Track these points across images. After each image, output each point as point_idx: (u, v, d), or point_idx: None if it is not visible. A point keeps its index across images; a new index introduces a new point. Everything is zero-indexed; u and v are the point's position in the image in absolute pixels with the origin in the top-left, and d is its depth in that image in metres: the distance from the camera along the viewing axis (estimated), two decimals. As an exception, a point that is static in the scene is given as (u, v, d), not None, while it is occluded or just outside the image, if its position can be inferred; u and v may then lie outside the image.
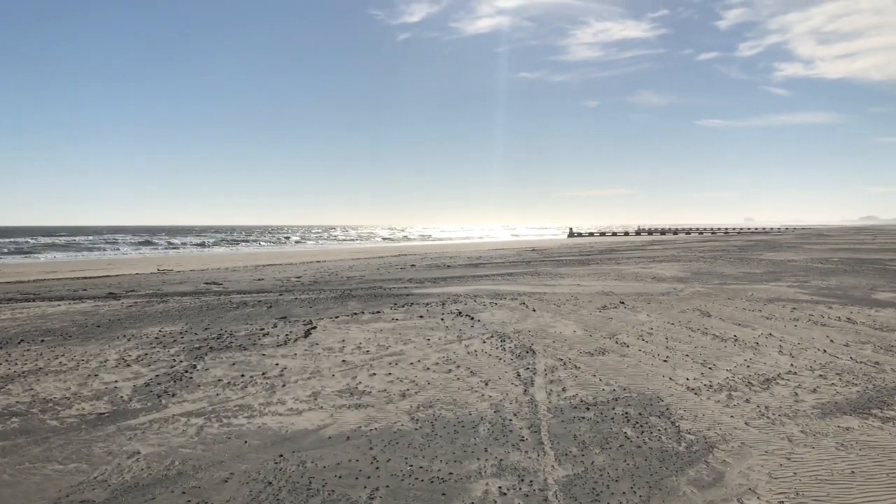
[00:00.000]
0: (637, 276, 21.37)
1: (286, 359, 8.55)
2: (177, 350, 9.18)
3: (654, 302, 14.10)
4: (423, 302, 14.22)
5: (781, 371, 7.73)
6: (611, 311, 12.67)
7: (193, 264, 35.17)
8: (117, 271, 29.49)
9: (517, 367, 7.93)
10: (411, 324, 11.25)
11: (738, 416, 5.99)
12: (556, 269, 25.03)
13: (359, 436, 5.53)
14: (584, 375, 7.53)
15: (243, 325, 11.40)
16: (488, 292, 16.22)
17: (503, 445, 5.26)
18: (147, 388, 7.09)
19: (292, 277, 23.45)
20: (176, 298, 16.18)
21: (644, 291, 16.23)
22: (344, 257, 40.72)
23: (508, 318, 11.78)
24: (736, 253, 36.80)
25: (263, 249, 63.34)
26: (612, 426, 5.73)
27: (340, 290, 17.40)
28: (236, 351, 9.08)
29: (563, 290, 16.53)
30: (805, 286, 17.35)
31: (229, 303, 14.77)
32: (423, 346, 9.34)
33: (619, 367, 7.93)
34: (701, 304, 13.62)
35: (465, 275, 22.93)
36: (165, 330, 10.95)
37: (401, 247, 62.95)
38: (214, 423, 5.91)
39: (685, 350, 8.93)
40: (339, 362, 8.29)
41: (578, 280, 19.77)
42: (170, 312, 13.23)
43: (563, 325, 11.03)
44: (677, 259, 31.15)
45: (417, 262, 32.41)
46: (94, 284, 21.69)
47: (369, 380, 7.39)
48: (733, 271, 22.98)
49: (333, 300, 14.96)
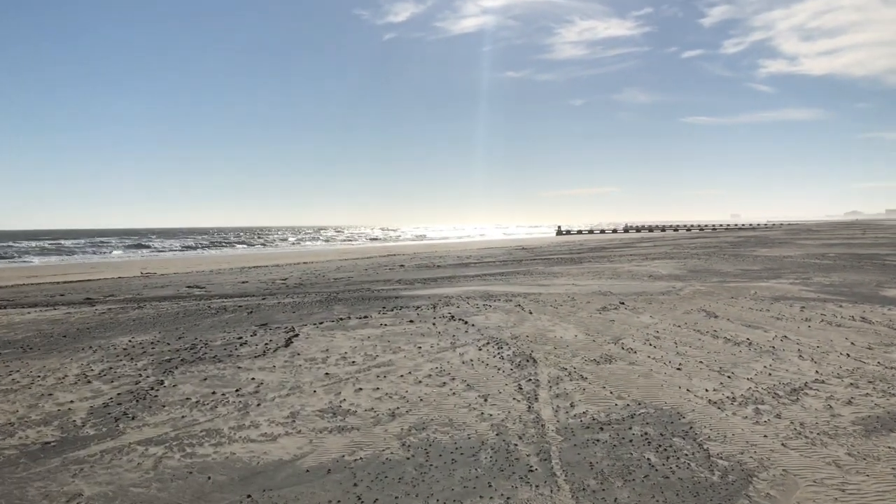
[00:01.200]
0: (633, 274, 20.70)
1: (264, 372, 7.79)
2: (145, 363, 8.40)
3: (654, 302, 13.42)
4: (412, 305, 13.48)
5: (807, 379, 7.04)
6: (611, 313, 11.97)
7: (178, 267, 34.28)
8: (100, 275, 28.57)
9: (518, 379, 7.21)
10: (401, 329, 10.50)
11: (773, 436, 5.29)
12: (548, 268, 24.33)
13: (341, 467, 4.78)
14: (592, 388, 6.82)
15: (220, 333, 10.62)
16: (481, 293, 15.50)
17: (509, 478, 4.53)
18: (105, 410, 6.31)
19: (277, 280, 22.67)
20: (153, 304, 15.37)
21: (643, 291, 15.56)
22: (332, 258, 39.91)
23: (504, 322, 11.06)
24: (729, 249, 36.25)
25: (251, 251, 62.36)
26: (632, 451, 5.01)
27: (326, 293, 16.63)
28: (210, 363, 8.31)
29: (558, 291, 15.83)
30: (808, 283, 16.72)
31: (208, 308, 13.97)
32: (414, 354, 8.60)
33: (629, 378, 7.22)
34: (705, 304, 12.95)
35: (455, 275, 22.20)
36: (136, 340, 10.16)
37: (390, 247, 62.15)
38: (176, 452, 5.14)
39: (698, 356, 8.24)
40: (321, 375, 7.54)
41: (573, 279, 19.08)
42: (144, 320, 12.43)
43: (562, 329, 10.32)
44: (671, 256, 30.53)
45: (406, 262, 31.64)
46: (72, 289, 20.82)
47: (355, 396, 6.65)
48: (730, 268, 22.36)
49: (318, 304, 14.19)
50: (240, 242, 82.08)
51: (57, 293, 19.39)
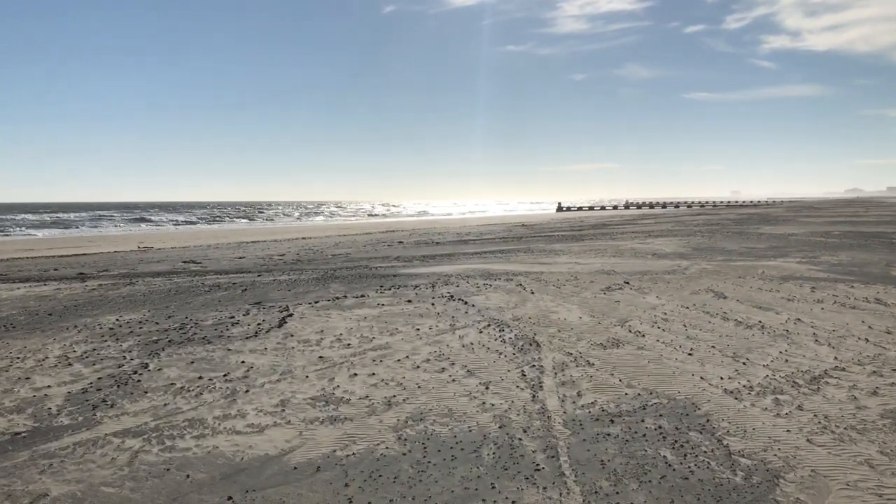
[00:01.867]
0: (636, 252, 20.31)
1: (254, 355, 7.41)
2: (130, 344, 8.03)
3: (660, 282, 13.04)
4: (411, 284, 13.10)
5: (826, 366, 6.67)
6: (616, 293, 11.59)
7: (176, 241, 33.86)
8: (97, 249, 28.17)
9: (521, 365, 6.84)
10: (398, 310, 10.13)
11: (796, 431, 4.92)
12: (549, 246, 23.94)
13: (332, 464, 4.41)
14: (600, 375, 6.45)
15: (212, 311, 10.24)
16: (480, 272, 15.11)
17: (514, 478, 4.16)
18: (83, 397, 5.94)
19: (275, 255, 22.29)
20: (146, 280, 14.99)
21: (647, 270, 15.17)
22: (331, 234, 39.50)
23: (505, 303, 10.68)
24: (732, 227, 35.83)
25: (250, 226, 61.93)
26: (646, 447, 4.65)
27: (323, 271, 16.24)
28: (198, 345, 7.94)
29: (560, 269, 15.44)
30: (816, 262, 16.33)
31: (202, 285, 13.59)
32: (412, 337, 8.23)
33: (638, 364, 6.85)
34: (712, 284, 12.57)
35: (454, 252, 21.80)
36: (124, 318, 9.78)
37: (389, 223, 61.70)
38: (154, 445, 4.78)
39: (709, 340, 7.86)
40: (315, 359, 7.17)
41: (575, 257, 18.69)
42: (134, 297, 12.05)
43: (566, 311, 9.94)
44: (673, 234, 30.12)
45: (405, 238, 31.23)
46: (67, 264, 20.43)
47: (349, 383, 6.28)
48: (735, 246, 21.97)
49: (315, 282, 13.81)
50: (239, 217, 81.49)
51: (51, 267, 19.01)
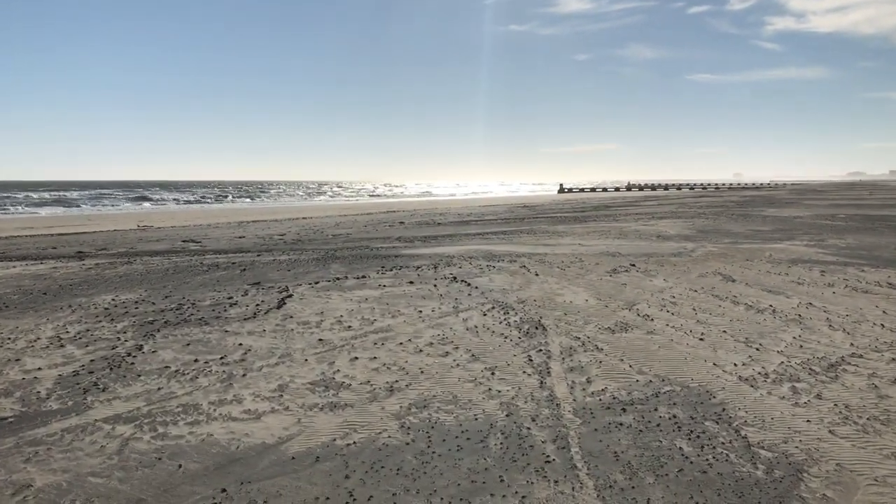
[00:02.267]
0: (640, 234, 20.07)
1: (252, 337, 7.20)
2: (125, 325, 7.82)
3: (666, 264, 12.81)
4: (413, 265, 12.87)
5: (843, 353, 6.46)
6: (622, 276, 11.36)
7: (177, 220, 33.63)
8: (96, 227, 27.94)
9: (527, 349, 6.62)
10: (400, 291, 9.91)
11: (817, 421, 4.71)
12: (552, 227, 23.70)
13: (332, 454, 4.20)
14: (609, 360, 6.23)
15: (210, 292, 10.03)
16: (483, 253, 14.88)
17: (524, 471, 3.95)
18: (74, 380, 5.73)
19: (275, 235, 22.07)
20: (144, 259, 14.77)
21: (652, 252, 14.94)
22: (332, 214, 39.24)
23: (509, 285, 10.46)
24: (736, 209, 35.55)
25: (251, 205, 61.66)
26: (661, 437, 4.43)
27: (324, 251, 16.02)
28: (195, 326, 7.72)
29: (564, 251, 15.21)
30: (824, 246, 16.10)
31: (200, 265, 13.37)
32: (415, 319, 8.01)
33: (648, 349, 6.63)
34: (719, 267, 12.34)
35: (456, 233, 21.57)
36: (120, 298, 9.57)
37: (390, 203, 61.39)
38: (146, 433, 4.57)
39: (720, 325, 7.64)
40: (314, 342, 6.96)
41: (579, 239, 18.45)
42: (131, 276, 11.83)
43: (571, 293, 9.72)
44: (677, 215, 29.85)
45: (407, 219, 30.98)
46: (66, 242, 20.23)
47: (350, 367, 6.06)
48: (741, 229, 21.72)
49: (315, 262, 13.58)
50: (241, 196, 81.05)
51: (49, 246, 18.81)
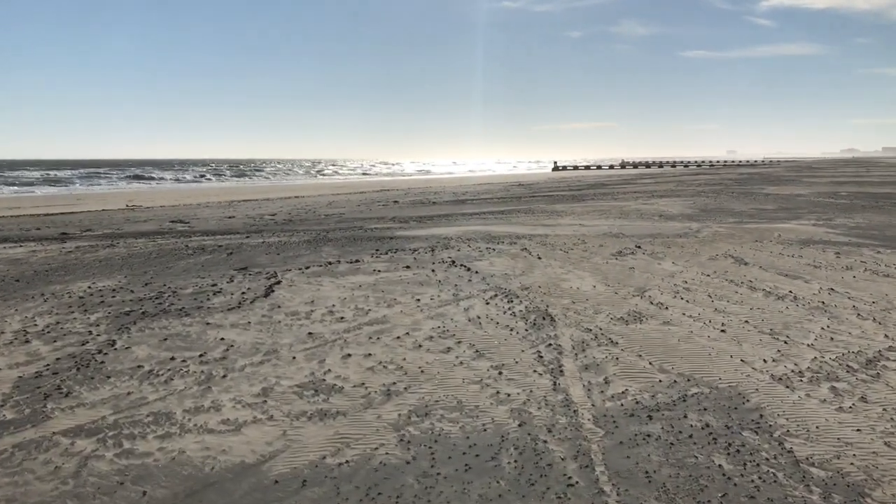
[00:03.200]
0: (641, 213, 19.51)
1: (236, 330, 6.64)
2: (99, 316, 7.24)
3: (673, 246, 12.27)
4: (409, 247, 12.30)
5: (879, 346, 5.93)
6: (629, 259, 10.82)
7: (167, 199, 32.93)
8: (85, 207, 27.23)
9: (535, 343, 6.08)
10: (396, 277, 9.34)
11: (868, 430, 4.18)
12: (550, 206, 23.12)
13: (321, 477, 3.65)
14: (626, 356, 5.70)
15: (194, 278, 9.45)
16: (482, 234, 14.32)
17: (544, 497, 3.41)
18: (35, 383, 5.17)
19: (266, 215, 21.46)
20: (128, 241, 14.16)
21: (657, 232, 14.40)
22: (325, 192, 38.56)
23: (511, 269, 9.91)
24: (735, 187, 35.01)
25: (244, 184, 60.86)
26: (696, 452, 3.90)
27: (316, 232, 15.43)
28: (174, 317, 7.15)
29: (565, 232, 14.65)
30: (832, 225, 15.58)
31: (185, 248, 12.77)
32: (412, 309, 7.45)
33: (667, 342, 6.10)
34: (729, 248, 11.80)
35: (452, 213, 20.99)
36: (97, 286, 8.98)
37: (384, 181, 60.62)
38: (110, 448, 4.01)
39: (740, 314, 7.11)
40: (303, 336, 6.40)
41: (579, 219, 17.89)
42: (112, 261, 11.23)
43: (577, 279, 9.17)
44: (676, 194, 29.30)
45: (401, 198, 30.35)
46: (51, 223, 19.59)
47: (342, 366, 5.51)
48: (743, 207, 21.19)
49: (306, 245, 13.00)
50: (234, 175, 79.94)
51: (33, 227, 18.17)
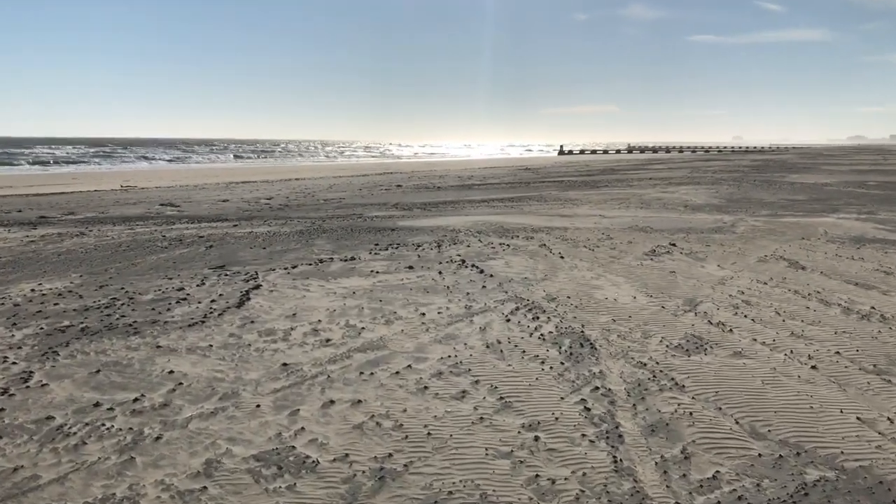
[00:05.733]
0: (664, 203, 18.04)
1: (192, 357, 5.22)
2: (28, 334, 5.82)
3: (712, 243, 10.82)
4: (412, 241, 10.86)
5: None
6: (665, 260, 9.38)
7: (164, 180, 31.54)
8: (78, 187, 25.91)
9: (577, 385, 4.66)
10: (397, 280, 7.92)
11: None
12: (563, 193, 21.66)
13: None
14: (702, 409, 4.27)
15: (159, 279, 8.03)
16: (493, 226, 12.88)
17: None
18: None
19: (262, 199, 20.07)
20: (103, 228, 12.77)
21: (688, 226, 12.94)
22: (325, 174, 37.11)
23: (531, 272, 8.48)
24: (754, 174, 33.44)
25: (245, 164, 59.49)
26: None
27: (311, 220, 14.00)
28: (120, 336, 5.73)
29: (586, 224, 13.20)
30: (879, 220, 14.11)
31: (162, 238, 11.36)
32: (416, 326, 6.03)
33: (749, 386, 4.67)
34: (776, 248, 10.36)
35: (459, 199, 19.53)
36: (42, 288, 7.57)
37: (387, 164, 59.07)
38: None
39: (826, 340, 5.68)
40: (276, 368, 4.98)
41: (598, 209, 16.42)
42: (73, 254, 9.83)
43: (611, 285, 7.74)
44: (695, 181, 27.78)
45: (404, 181, 28.87)
46: (36, 204, 18.24)
47: (320, 420, 4.08)
48: (772, 198, 19.69)
49: (297, 236, 11.56)
50: (239, 155, 78.23)
51: (14, 209, 16.82)
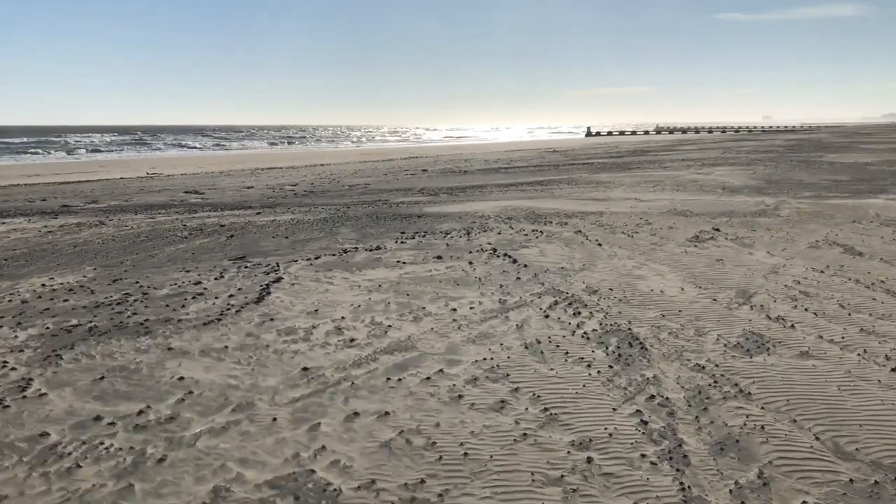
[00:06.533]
0: (700, 185, 17.35)
1: (206, 360, 4.80)
2: (32, 334, 5.45)
3: (757, 228, 10.21)
4: (439, 229, 10.38)
5: None
6: (710, 246, 8.81)
7: (190, 167, 31.40)
8: (105, 175, 25.84)
9: (629, 393, 4.16)
10: (425, 272, 7.45)
11: None
12: (593, 176, 21.02)
13: None
14: (774, 421, 3.75)
15: (176, 272, 7.65)
16: (524, 211, 12.35)
17: None
18: None
19: (286, 185, 19.73)
20: (125, 217, 12.50)
21: (729, 209, 12.30)
22: (351, 160, 36.72)
23: (568, 261, 7.97)
24: (790, 154, 32.42)
25: (272, 150, 59.41)
26: None
27: (335, 207, 13.59)
28: (129, 337, 5.34)
29: (621, 208, 12.62)
30: (932, 201, 13.34)
31: (182, 227, 11.02)
32: (447, 324, 5.57)
33: (824, 392, 4.13)
34: (827, 232, 9.72)
35: (486, 183, 19.00)
36: (55, 282, 7.22)
37: (412, 148, 58.54)
38: None
39: (901, 338, 5.12)
40: (296, 374, 4.55)
41: (631, 192, 15.80)
42: (90, 245, 9.50)
43: (656, 275, 7.21)
44: (729, 162, 26.94)
45: (430, 165, 28.37)
46: (61, 192, 18.12)
47: (343, 437, 3.64)
48: (813, 178, 18.89)
49: (321, 224, 11.15)
50: (273, 142, 78.06)
51: (38, 197, 16.67)
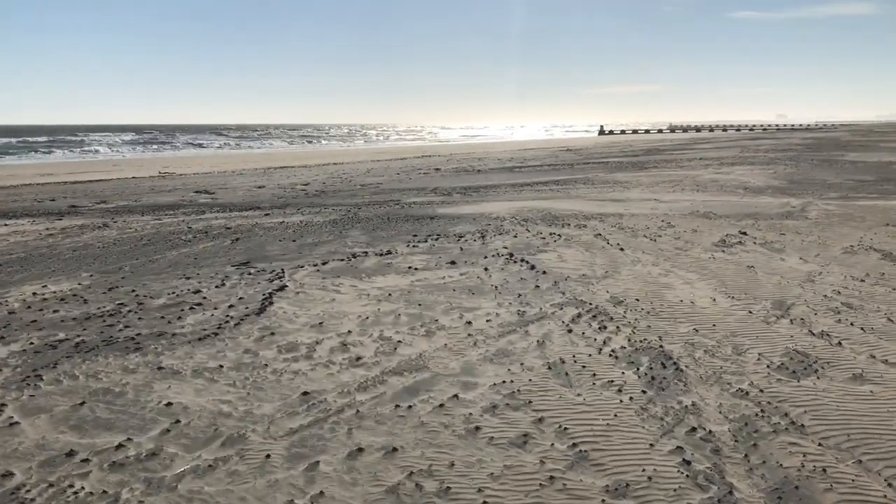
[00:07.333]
0: (720, 185, 16.83)
1: (197, 382, 4.40)
2: (14, 350, 5.06)
3: (787, 231, 9.72)
4: (453, 232, 9.95)
5: None
6: (739, 252, 8.33)
7: (203, 166, 31.11)
8: (117, 174, 25.56)
9: (666, 425, 3.72)
10: (438, 279, 7.02)
11: None
12: (609, 175, 20.54)
13: None
14: (835, 462, 3.29)
15: (175, 279, 7.26)
16: (540, 212, 11.90)
17: None
18: None
19: (298, 185, 19.37)
20: (130, 219, 12.16)
21: (753, 211, 11.80)
22: (364, 158, 36.34)
23: (589, 267, 7.52)
24: (809, 153, 31.74)
25: (286, 149, 59.09)
26: None
27: (346, 207, 13.20)
28: (118, 354, 4.94)
29: (642, 210, 12.14)
30: (966, 202, 12.79)
31: (187, 230, 10.66)
32: (461, 339, 5.14)
33: (885, 423, 3.68)
34: (862, 237, 9.22)
35: (501, 183, 18.56)
36: (47, 290, 6.85)
37: (425, 147, 58.11)
38: None
39: (963, 358, 4.64)
40: (295, 399, 4.13)
41: (651, 192, 15.31)
42: (90, 249, 9.15)
43: (684, 284, 6.74)
44: (749, 161, 26.34)
45: (443, 164, 27.95)
46: (71, 192, 17.85)
47: (345, 480, 3.20)
48: (836, 178, 18.31)
49: (331, 227, 10.74)
50: (292, 140, 77.69)
51: (47, 197, 16.40)
